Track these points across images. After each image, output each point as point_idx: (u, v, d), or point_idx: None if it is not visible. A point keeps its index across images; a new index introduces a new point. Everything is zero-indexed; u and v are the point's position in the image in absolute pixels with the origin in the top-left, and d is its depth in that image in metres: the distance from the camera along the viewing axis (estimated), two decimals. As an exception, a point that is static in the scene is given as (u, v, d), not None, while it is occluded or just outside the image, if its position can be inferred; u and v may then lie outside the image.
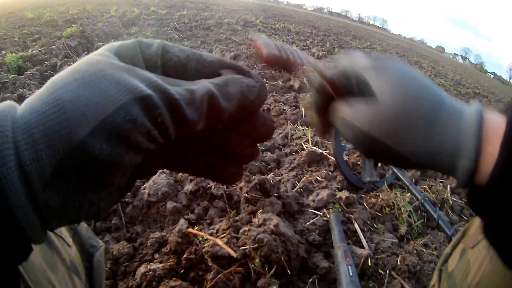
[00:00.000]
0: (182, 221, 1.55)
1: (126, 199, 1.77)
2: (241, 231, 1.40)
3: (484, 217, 0.50)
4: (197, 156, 0.46)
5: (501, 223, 0.46)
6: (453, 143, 0.47)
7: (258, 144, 0.47)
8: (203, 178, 1.83)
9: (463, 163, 0.46)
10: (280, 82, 4.26)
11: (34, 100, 0.33)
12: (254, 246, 1.31)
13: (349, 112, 0.53)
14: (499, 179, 0.43)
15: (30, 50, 4.75)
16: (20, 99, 3.17)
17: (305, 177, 2.15)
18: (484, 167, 0.45)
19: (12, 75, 3.75)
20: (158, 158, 0.44)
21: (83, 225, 0.75)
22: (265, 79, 4.38)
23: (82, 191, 0.32)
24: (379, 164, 2.22)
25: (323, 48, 8.23)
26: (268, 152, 2.51)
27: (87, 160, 0.31)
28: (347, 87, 0.55)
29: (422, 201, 1.97)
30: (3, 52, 4.92)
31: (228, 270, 1.31)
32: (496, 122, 0.47)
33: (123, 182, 0.37)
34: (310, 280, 1.39)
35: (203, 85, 0.37)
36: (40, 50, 4.71)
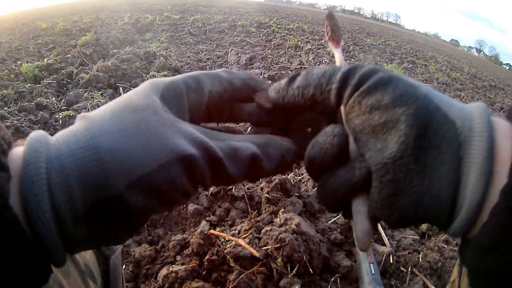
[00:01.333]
0: (203, 223, 1.56)
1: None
2: (263, 231, 1.40)
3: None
4: None
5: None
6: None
7: None
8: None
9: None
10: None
11: (70, 140, 0.33)
12: (276, 245, 1.31)
13: None
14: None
15: (45, 59, 4.81)
16: (38, 107, 3.21)
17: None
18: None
19: (29, 84, 3.80)
20: None
21: None
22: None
23: (110, 229, 0.34)
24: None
25: (338, 46, 8.19)
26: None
27: (121, 209, 0.32)
28: None
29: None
30: (19, 62, 5.00)
31: (250, 270, 1.31)
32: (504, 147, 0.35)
33: (149, 217, 0.39)
34: (332, 279, 1.38)
35: (247, 147, 0.38)
36: (55, 59, 4.77)
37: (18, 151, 0.34)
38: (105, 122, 0.34)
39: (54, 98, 3.51)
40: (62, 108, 3.27)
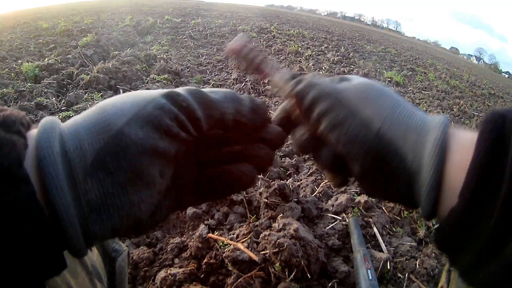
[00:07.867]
0: (202, 226, 1.56)
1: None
2: (261, 235, 1.41)
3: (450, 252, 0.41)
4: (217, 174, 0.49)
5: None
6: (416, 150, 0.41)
7: (277, 151, 0.52)
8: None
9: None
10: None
11: (81, 114, 0.40)
12: (274, 250, 1.32)
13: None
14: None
15: (46, 59, 4.80)
16: (38, 107, 3.20)
17: (324, 182, 2.14)
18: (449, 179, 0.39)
19: (29, 84, 3.79)
20: (188, 193, 0.46)
21: None
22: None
23: (122, 184, 0.35)
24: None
25: (338, 53, 8.18)
26: (287, 158, 2.51)
27: (125, 146, 0.35)
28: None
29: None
30: (19, 61, 4.98)
31: (248, 274, 1.31)
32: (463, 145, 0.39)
33: (163, 185, 0.40)
34: (329, 284, 1.39)
35: None
36: (56, 59, 4.76)
37: (33, 131, 0.37)
38: (107, 99, 0.41)
39: (54, 98, 3.50)
40: (62, 108, 3.27)
